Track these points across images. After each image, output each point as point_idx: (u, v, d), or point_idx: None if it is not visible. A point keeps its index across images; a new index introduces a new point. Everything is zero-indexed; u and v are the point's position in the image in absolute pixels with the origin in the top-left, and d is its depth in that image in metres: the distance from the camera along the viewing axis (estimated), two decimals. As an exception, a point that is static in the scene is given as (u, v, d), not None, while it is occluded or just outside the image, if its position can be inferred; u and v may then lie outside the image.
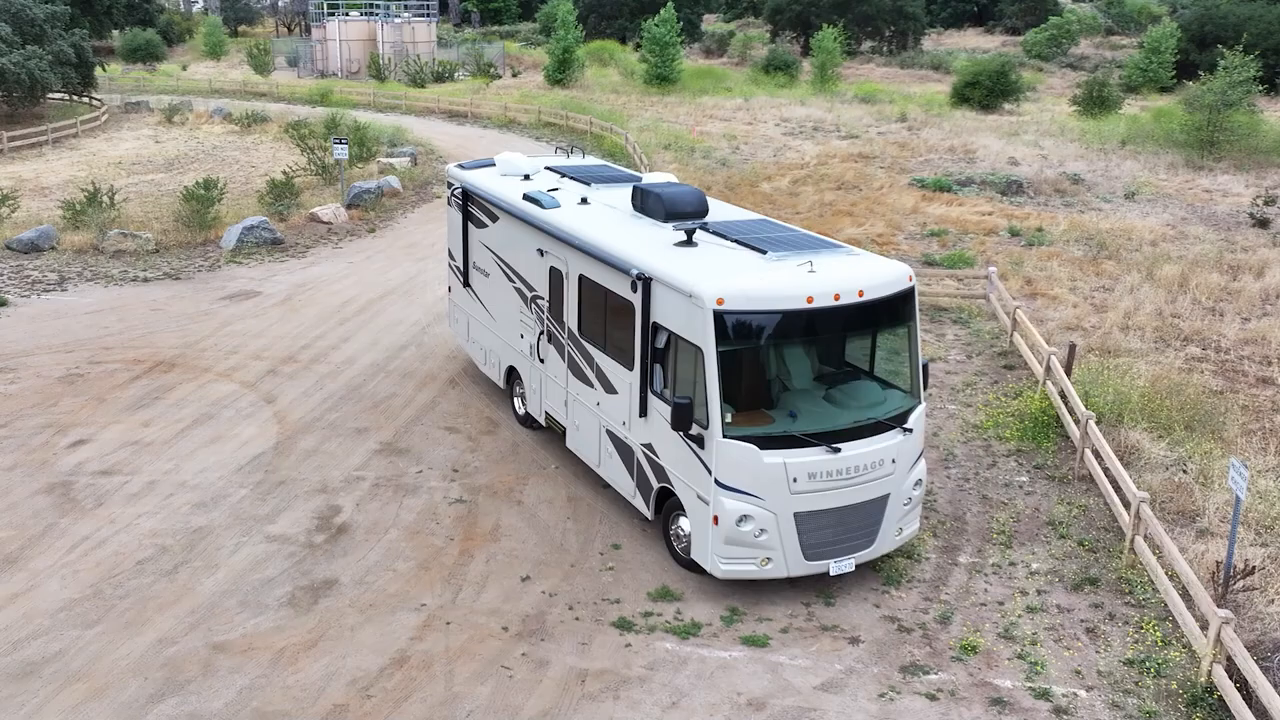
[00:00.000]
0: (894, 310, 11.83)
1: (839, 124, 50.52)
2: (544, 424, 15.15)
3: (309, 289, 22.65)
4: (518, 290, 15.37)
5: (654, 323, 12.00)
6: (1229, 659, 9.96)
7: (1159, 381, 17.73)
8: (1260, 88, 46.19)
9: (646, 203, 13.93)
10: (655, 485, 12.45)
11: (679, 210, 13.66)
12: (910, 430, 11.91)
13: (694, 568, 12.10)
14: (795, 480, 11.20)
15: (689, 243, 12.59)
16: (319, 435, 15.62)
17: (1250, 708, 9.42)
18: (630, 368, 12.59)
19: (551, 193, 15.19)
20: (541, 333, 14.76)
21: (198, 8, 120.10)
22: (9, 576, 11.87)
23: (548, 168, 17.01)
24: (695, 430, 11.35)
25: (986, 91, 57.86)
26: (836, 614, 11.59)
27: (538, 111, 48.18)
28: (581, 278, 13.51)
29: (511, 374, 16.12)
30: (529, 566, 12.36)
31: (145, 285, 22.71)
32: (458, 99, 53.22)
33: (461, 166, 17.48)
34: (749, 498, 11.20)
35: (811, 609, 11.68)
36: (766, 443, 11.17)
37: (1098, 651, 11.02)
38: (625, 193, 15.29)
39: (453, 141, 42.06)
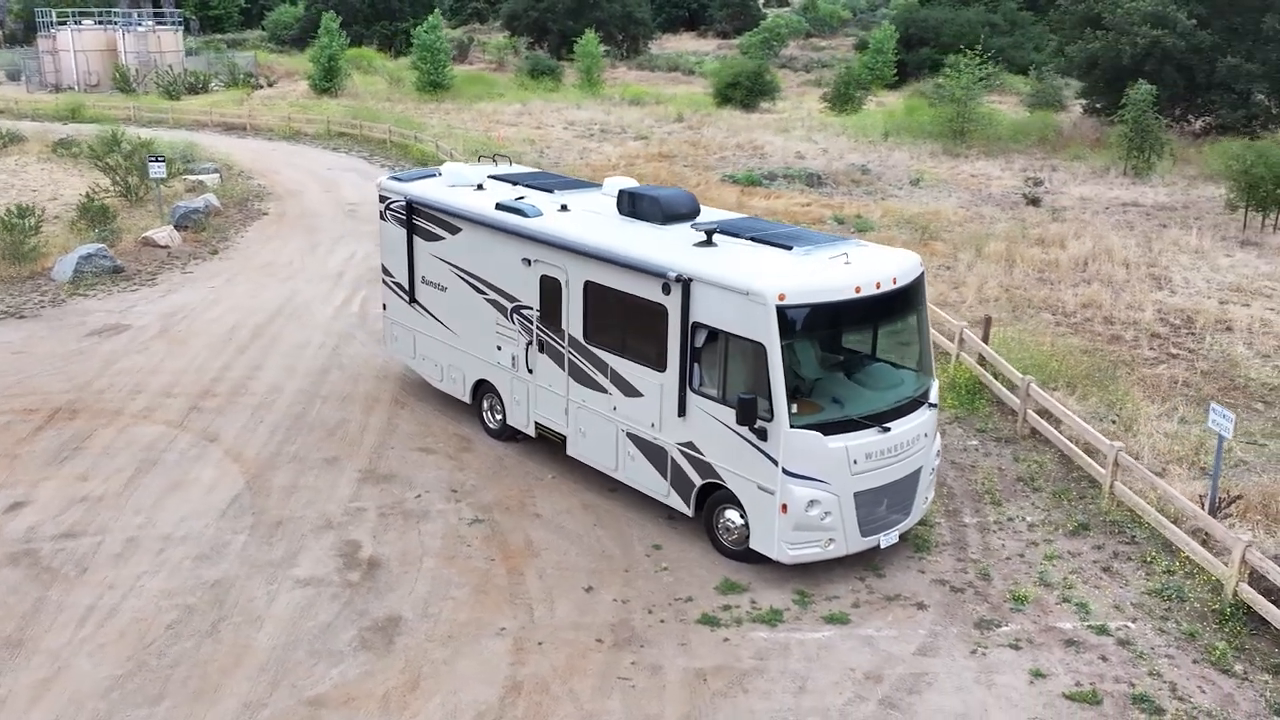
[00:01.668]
0: (917, 295, 12.66)
1: (623, 125, 51.65)
2: (533, 434, 14.92)
3: (183, 318, 20.86)
4: (492, 302, 15.02)
5: (694, 322, 12.22)
6: (1250, 574, 11.50)
7: (1041, 345, 19.75)
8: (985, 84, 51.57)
9: (640, 206, 14.03)
10: (698, 483, 12.65)
11: (677, 212, 13.89)
12: (935, 405, 12.81)
13: (746, 558, 12.41)
14: (855, 462, 11.79)
15: (709, 243, 12.87)
16: (289, 470, 14.61)
17: (1284, 613, 10.98)
18: (661, 369, 12.72)
19: (519, 201, 14.97)
20: (530, 343, 14.53)
21: None
22: (24, 661, 10.45)
23: (493, 176, 16.68)
24: (758, 423, 11.69)
25: (747, 91, 61.07)
26: (892, 584, 12.29)
27: (326, 121, 46.15)
28: (589, 284, 13.45)
29: (480, 388, 15.73)
30: (584, 577, 12.24)
31: (-13, 327, 20.14)
32: (229, 111, 49.96)
33: (397, 178, 16.77)
34: (816, 483, 11.67)
35: (867, 582, 12.31)
36: (828, 429, 11.71)
37: (1122, 587, 12.33)
38: (598, 198, 15.31)
39: (248, 156, 39.56)
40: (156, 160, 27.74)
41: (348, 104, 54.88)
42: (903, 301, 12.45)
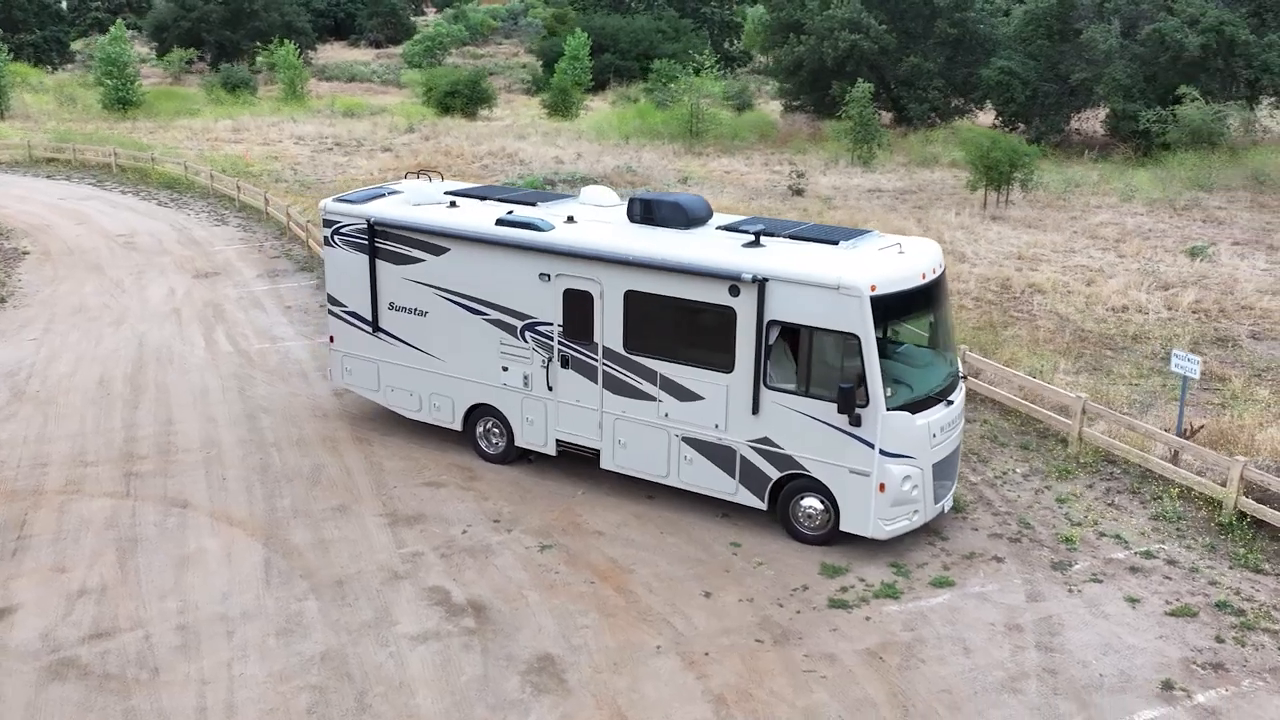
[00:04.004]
0: (946, 280, 13.64)
1: (356, 138, 49.59)
2: (553, 453, 14.39)
3: (30, 377, 17.82)
4: (495, 322, 14.28)
5: (770, 320, 12.43)
6: (1247, 488, 13.51)
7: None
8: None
9: (659, 213, 13.90)
10: (774, 476, 12.88)
11: (698, 216, 13.97)
12: (966, 378, 13.86)
13: (825, 541, 12.83)
14: (934, 436, 12.57)
15: (757, 243, 13.09)
16: (301, 526, 13.13)
17: (1288, 517, 13.03)
18: (726, 370, 12.81)
19: (516, 214, 14.37)
20: (549, 360, 14.02)
21: None
22: (172, 782, 8.85)
23: (453, 193, 15.80)
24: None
25: (466, 99, 60.72)
26: (960, 544, 13.17)
27: (26, 146, 40.51)
28: (631, 294, 13.22)
29: (474, 413, 14.91)
30: (693, 584, 12.11)
31: None
32: (-114, 139, 42.56)
33: (346, 200, 15.39)
34: (908, 460, 12.31)
35: (939, 546, 13.12)
36: (914, 408, 12.40)
37: (1131, 516, 14.00)
38: (587, 208, 14.93)
39: (-47, 189, 34.02)
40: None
41: (23, 126, 48.55)
42: (944, 285, 13.38)
